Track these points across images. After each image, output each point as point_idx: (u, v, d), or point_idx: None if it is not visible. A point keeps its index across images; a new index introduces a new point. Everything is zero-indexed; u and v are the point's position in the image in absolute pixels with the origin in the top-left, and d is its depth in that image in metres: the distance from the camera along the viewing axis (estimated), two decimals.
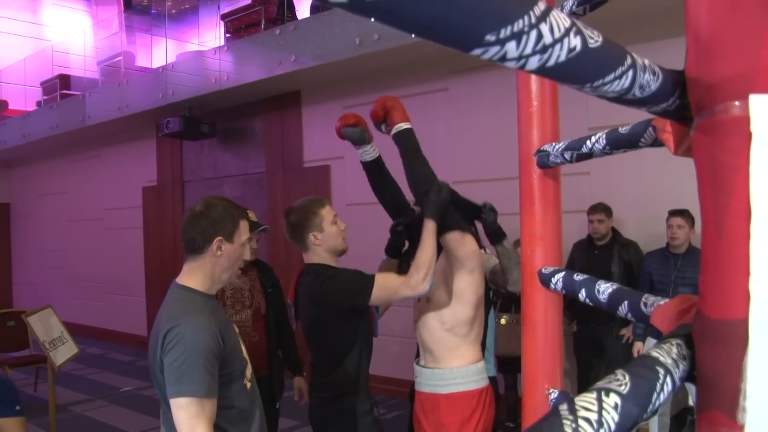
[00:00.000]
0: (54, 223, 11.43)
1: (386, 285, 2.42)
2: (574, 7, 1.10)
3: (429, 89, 6.19)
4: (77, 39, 11.25)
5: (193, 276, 2.04)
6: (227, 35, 7.73)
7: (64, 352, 4.18)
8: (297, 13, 7.42)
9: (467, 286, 2.51)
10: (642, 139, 0.82)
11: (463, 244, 2.44)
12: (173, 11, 9.85)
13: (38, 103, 10.80)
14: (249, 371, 2.13)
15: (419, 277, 2.33)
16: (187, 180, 8.88)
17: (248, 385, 2.10)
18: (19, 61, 11.48)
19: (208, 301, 2.05)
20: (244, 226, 2.10)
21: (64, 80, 10.27)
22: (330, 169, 6.95)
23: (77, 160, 10.80)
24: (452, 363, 2.55)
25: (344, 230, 2.70)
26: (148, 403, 6.41)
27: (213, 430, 1.86)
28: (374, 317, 2.84)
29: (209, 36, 8.61)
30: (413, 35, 0.40)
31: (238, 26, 7.51)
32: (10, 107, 11.61)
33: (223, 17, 7.79)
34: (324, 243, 2.61)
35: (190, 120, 7.64)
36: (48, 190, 11.54)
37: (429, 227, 2.38)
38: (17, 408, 2.50)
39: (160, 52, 9.17)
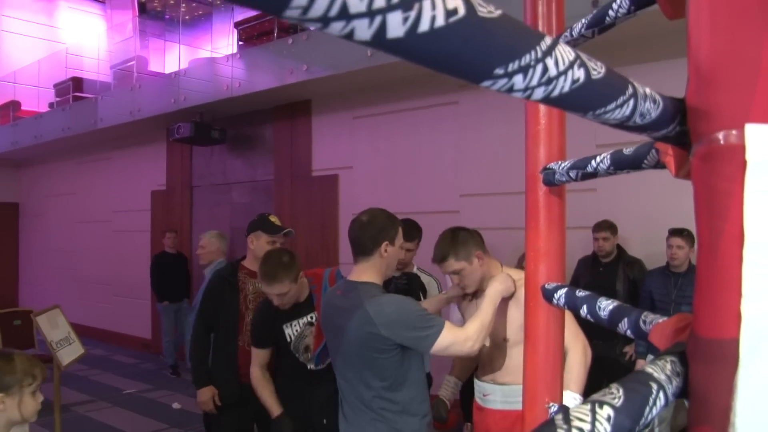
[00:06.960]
0: (62, 223, 11.50)
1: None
2: (582, 30, 1.12)
3: (439, 102, 6.23)
4: (91, 42, 11.38)
5: (365, 274, 2.42)
6: (240, 43, 7.80)
7: (70, 352, 4.21)
8: None
9: None
10: (645, 161, 0.84)
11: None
12: (187, 17, 9.94)
13: (51, 105, 10.91)
14: None
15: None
16: (196, 185, 8.94)
17: None
18: (33, 62, 11.62)
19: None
20: (400, 232, 2.50)
21: (77, 83, 10.38)
22: (338, 178, 6.98)
23: (87, 162, 10.88)
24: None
25: None
26: (150, 406, 6.43)
27: None
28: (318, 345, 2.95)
29: (222, 43, 8.69)
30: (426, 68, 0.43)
31: (251, 34, 7.59)
32: (22, 108, 11.72)
33: (237, 25, 7.87)
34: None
35: (200, 126, 7.71)
36: (57, 191, 11.62)
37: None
38: None
39: (172, 57, 9.26)
